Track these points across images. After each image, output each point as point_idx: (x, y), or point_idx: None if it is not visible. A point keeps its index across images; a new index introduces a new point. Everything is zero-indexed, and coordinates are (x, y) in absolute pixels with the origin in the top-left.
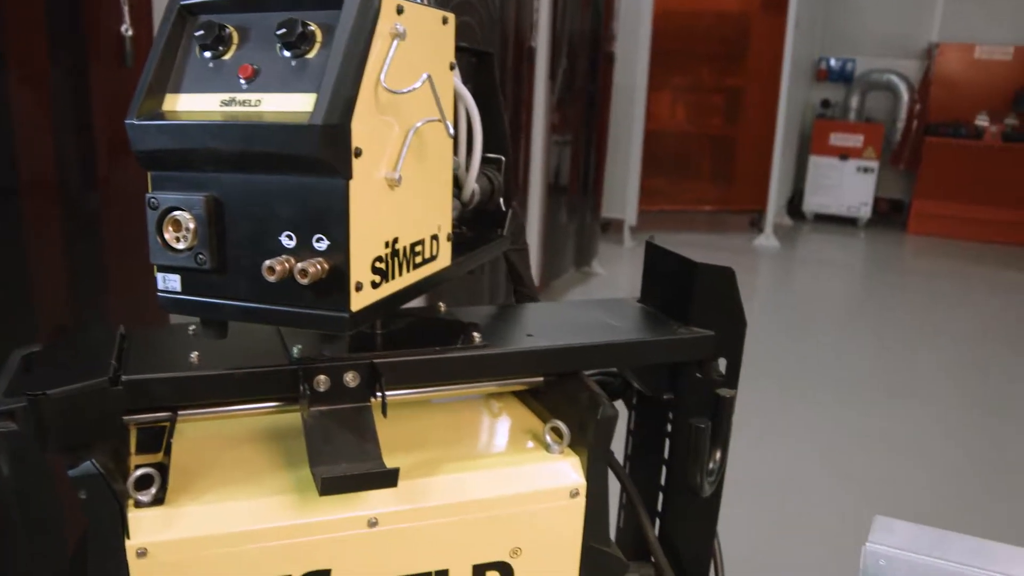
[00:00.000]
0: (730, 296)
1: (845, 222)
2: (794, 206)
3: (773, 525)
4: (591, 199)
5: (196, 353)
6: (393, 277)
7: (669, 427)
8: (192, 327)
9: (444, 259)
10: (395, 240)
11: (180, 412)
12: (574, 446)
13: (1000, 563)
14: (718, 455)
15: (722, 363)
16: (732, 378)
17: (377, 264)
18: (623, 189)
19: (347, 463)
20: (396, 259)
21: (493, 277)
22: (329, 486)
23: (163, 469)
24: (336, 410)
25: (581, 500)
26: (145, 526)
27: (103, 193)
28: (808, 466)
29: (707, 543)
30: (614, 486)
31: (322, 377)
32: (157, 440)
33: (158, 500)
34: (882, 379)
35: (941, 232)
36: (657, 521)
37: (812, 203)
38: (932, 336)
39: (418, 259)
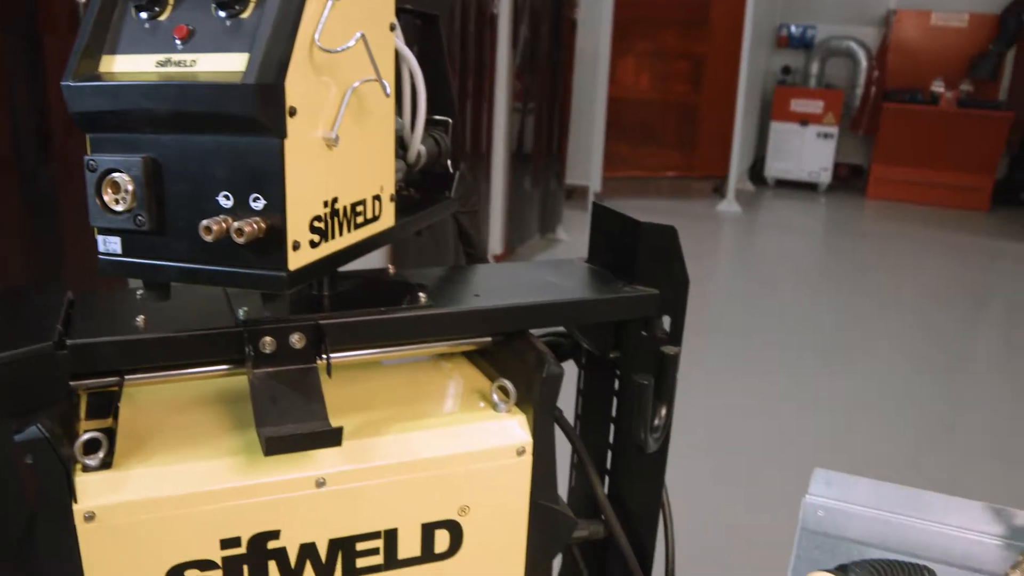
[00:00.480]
0: (673, 255)
1: (806, 187)
2: (756, 172)
3: (723, 479)
4: (555, 166)
5: (142, 317)
6: (333, 237)
7: (617, 385)
8: (140, 291)
9: (387, 219)
10: (335, 200)
11: (128, 376)
12: (521, 405)
13: (934, 512)
14: (663, 412)
15: (667, 321)
16: (676, 335)
17: (316, 223)
18: (587, 156)
19: (293, 423)
20: (336, 219)
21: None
22: (274, 446)
23: (111, 433)
24: (282, 371)
25: (528, 458)
26: (92, 490)
27: (59, 163)
28: (763, 421)
29: (655, 499)
30: (566, 445)
31: (268, 339)
32: (108, 406)
33: (106, 464)
34: (840, 338)
35: (899, 196)
36: (607, 479)
37: (773, 169)
38: (889, 297)
39: (359, 219)
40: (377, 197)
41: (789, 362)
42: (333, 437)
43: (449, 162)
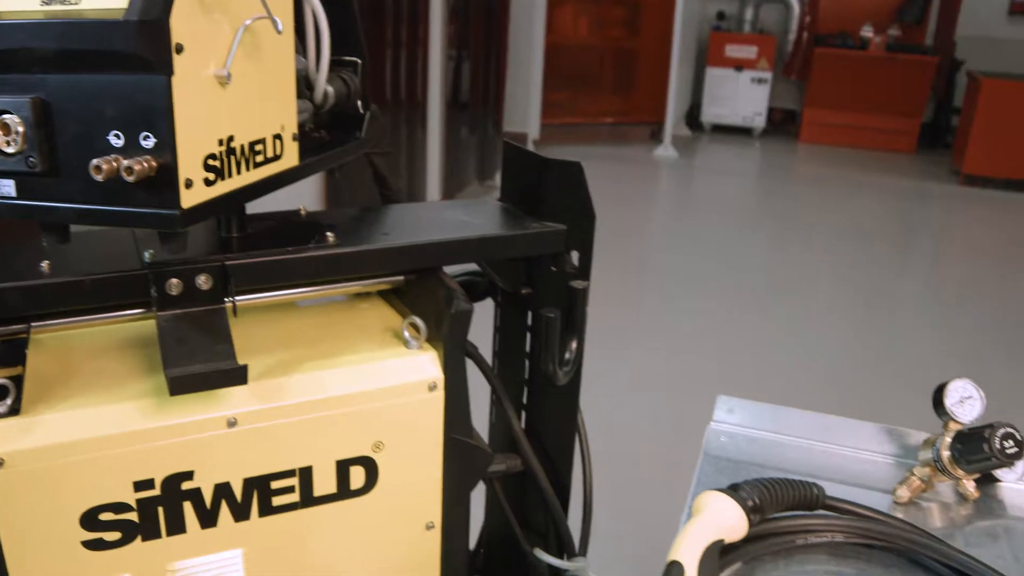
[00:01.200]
0: (579, 190)
1: (741, 132)
2: (692, 117)
3: (645, 412)
4: (492, 113)
5: (47, 262)
6: (230, 175)
7: (530, 321)
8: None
9: (291, 159)
10: (230, 138)
11: (35, 323)
12: (433, 341)
13: (833, 435)
14: (573, 345)
15: (576, 257)
16: (584, 270)
17: (210, 162)
18: (525, 103)
19: (200, 364)
20: (233, 157)
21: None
22: (178, 385)
23: (19, 380)
24: (189, 313)
25: (440, 393)
26: (0, 436)
27: None
28: (691, 357)
29: (570, 431)
30: (485, 382)
31: (174, 280)
32: (18, 354)
33: (14, 411)
34: (772, 276)
35: (830, 140)
36: (524, 413)
37: (709, 114)
38: (820, 237)
39: (259, 158)
40: (278, 136)
41: (721, 300)
42: (238, 375)
43: (360, 103)
